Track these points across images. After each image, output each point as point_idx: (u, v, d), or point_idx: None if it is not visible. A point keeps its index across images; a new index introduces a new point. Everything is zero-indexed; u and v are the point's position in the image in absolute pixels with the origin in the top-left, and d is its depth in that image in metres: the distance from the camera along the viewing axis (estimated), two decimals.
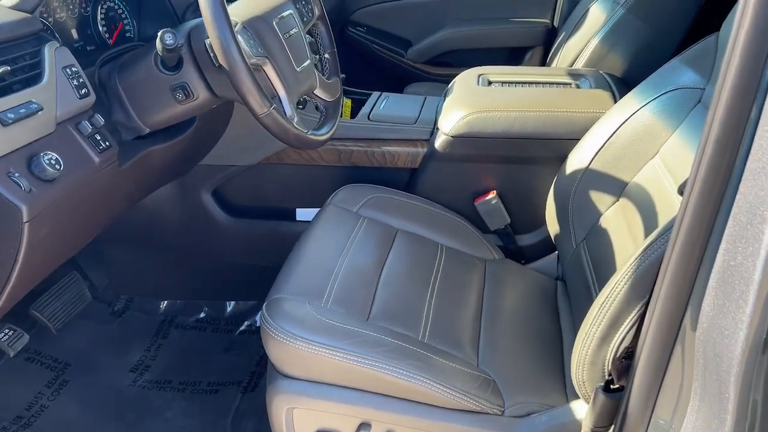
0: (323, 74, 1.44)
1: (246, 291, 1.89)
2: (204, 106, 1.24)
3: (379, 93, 1.92)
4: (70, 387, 1.60)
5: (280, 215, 1.81)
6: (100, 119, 1.10)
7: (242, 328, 1.84)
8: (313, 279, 1.29)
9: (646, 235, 1.18)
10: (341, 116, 1.84)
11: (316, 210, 1.59)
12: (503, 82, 1.78)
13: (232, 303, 1.91)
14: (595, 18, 2.11)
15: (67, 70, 1.05)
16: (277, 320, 1.15)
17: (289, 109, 1.18)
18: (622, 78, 1.86)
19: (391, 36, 2.80)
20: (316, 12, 1.40)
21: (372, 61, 2.81)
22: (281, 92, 1.18)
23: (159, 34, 1.08)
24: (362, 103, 1.88)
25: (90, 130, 1.07)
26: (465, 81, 1.79)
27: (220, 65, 1.06)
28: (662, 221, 1.15)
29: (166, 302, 1.90)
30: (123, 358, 1.71)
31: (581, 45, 2.06)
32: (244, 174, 1.76)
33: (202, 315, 1.88)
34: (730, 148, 0.73)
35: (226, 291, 1.91)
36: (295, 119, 1.17)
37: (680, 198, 0.90)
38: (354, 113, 1.83)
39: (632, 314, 0.97)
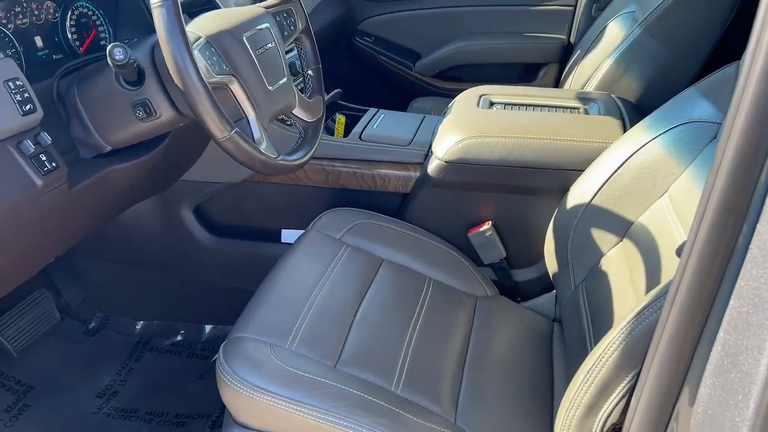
0: (305, 92, 1.34)
1: (226, 315, 1.79)
2: (169, 125, 1.14)
3: (375, 110, 1.82)
4: (30, 412, 1.51)
5: (265, 236, 1.71)
6: (46, 138, 1.00)
7: (223, 343, 1.74)
8: (280, 316, 1.19)
9: (647, 287, 1.06)
10: (334, 134, 1.75)
11: (302, 232, 1.49)
12: (506, 104, 1.66)
13: (210, 327, 1.81)
14: (612, 36, 1.99)
15: (10, 83, 0.95)
16: (233, 365, 1.05)
17: (257, 132, 1.08)
18: (636, 103, 1.74)
19: (400, 47, 2.70)
20: (300, 26, 1.30)
21: (378, 73, 2.71)
22: (250, 113, 1.08)
23: (108, 48, 0.99)
24: (358, 119, 1.78)
25: (33, 150, 0.97)
26: (465, 101, 1.68)
27: None
28: (664, 273, 1.03)
29: (142, 323, 1.81)
30: (91, 382, 1.61)
31: (595, 65, 1.94)
32: (227, 191, 1.66)
33: (179, 338, 1.79)
34: (736, 212, 0.61)
35: (204, 314, 1.82)
36: (264, 144, 1.07)
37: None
38: (348, 130, 1.73)
39: (622, 384, 0.85)
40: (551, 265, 1.40)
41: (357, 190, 1.61)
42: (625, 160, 1.26)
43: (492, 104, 1.67)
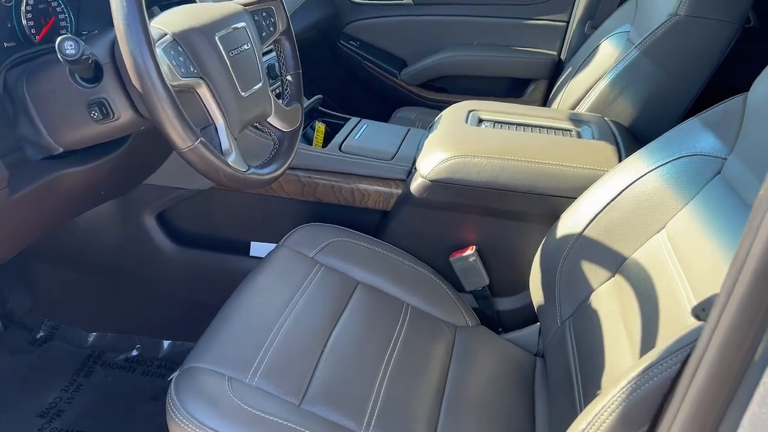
0: (282, 99, 1.23)
1: (186, 330, 1.67)
2: (128, 128, 1.03)
3: (358, 119, 1.72)
4: None
5: (232, 248, 1.60)
6: None
7: (176, 374, 1.62)
8: (242, 344, 1.08)
9: (643, 333, 0.98)
10: (312, 143, 1.64)
11: (273, 246, 1.38)
12: (495, 122, 1.58)
13: (169, 342, 1.69)
14: (606, 56, 1.92)
15: None
16: (185, 400, 0.94)
17: (226, 142, 0.97)
18: (630, 128, 1.66)
19: (386, 53, 2.60)
20: (280, 27, 1.19)
21: (362, 79, 2.61)
22: (218, 120, 0.97)
23: (57, 41, 0.87)
24: (339, 128, 1.68)
25: None
26: (452, 116, 1.59)
27: None
28: (662, 318, 0.95)
29: (95, 334, 1.68)
30: (34, 399, 1.48)
31: (588, 85, 1.86)
32: (194, 198, 1.55)
33: (134, 353, 1.66)
34: None
35: (163, 328, 1.70)
36: (232, 156, 0.97)
37: (689, 301, 0.70)
38: (328, 139, 1.63)
39: None
40: (536, 296, 1.31)
41: (334, 204, 1.51)
42: (622, 191, 1.18)
43: (481, 121, 1.58)
